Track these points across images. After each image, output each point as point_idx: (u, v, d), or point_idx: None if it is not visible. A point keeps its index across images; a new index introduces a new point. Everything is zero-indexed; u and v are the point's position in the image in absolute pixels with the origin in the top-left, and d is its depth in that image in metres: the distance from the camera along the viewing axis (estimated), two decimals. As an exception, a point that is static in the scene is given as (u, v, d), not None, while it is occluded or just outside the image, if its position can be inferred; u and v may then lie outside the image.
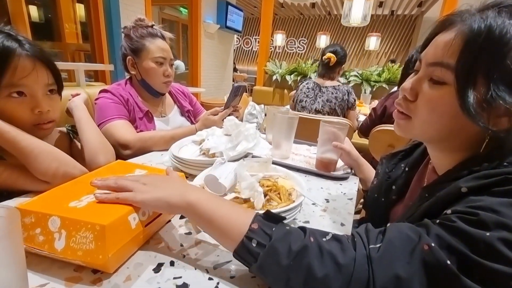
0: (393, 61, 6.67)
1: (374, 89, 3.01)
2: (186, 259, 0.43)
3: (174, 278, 0.39)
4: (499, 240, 0.29)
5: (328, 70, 1.94)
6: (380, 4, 7.02)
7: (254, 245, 0.35)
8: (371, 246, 0.34)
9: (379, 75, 3.06)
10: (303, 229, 0.38)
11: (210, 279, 0.40)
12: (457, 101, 0.37)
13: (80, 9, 4.17)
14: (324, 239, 0.36)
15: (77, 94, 0.83)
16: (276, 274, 0.34)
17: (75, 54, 4.37)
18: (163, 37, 1.06)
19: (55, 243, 0.37)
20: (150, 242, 0.47)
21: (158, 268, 0.41)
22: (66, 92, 0.74)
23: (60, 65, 0.71)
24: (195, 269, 0.41)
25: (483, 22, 0.36)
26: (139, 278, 0.39)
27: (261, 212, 0.39)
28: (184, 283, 0.38)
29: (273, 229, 0.36)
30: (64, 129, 0.81)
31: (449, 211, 0.35)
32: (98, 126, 0.85)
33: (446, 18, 0.42)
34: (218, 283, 0.39)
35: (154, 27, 1.05)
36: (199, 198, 0.40)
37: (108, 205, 0.41)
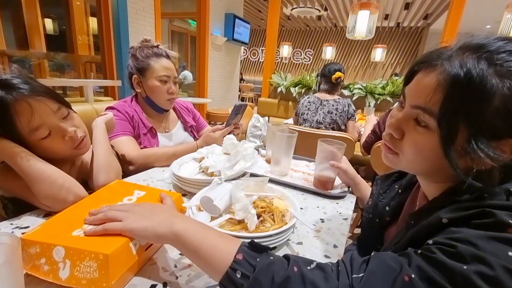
0: (396, 75, 6.68)
1: (378, 102, 3.01)
2: (179, 281, 0.45)
3: (166, 300, 0.41)
4: (476, 274, 0.30)
5: (334, 86, 2.06)
6: (386, 17, 7.09)
7: (238, 276, 0.36)
8: (354, 275, 0.35)
9: (383, 88, 3.05)
10: (287, 257, 0.38)
11: (200, 302, 0.41)
12: (441, 149, 0.38)
13: (93, 22, 4.34)
14: (308, 268, 0.37)
15: (105, 114, 0.86)
16: None
17: (86, 65, 4.52)
18: (167, 56, 1.10)
19: (59, 272, 0.38)
20: (145, 264, 0.48)
21: (151, 290, 0.42)
22: (76, 107, 0.77)
23: (70, 82, 0.74)
24: (187, 291, 0.43)
25: (463, 70, 0.35)
26: (133, 300, 0.40)
27: (247, 241, 0.40)
28: (175, 305, 0.40)
29: (257, 259, 0.37)
30: None
31: (430, 242, 0.36)
32: None
33: (427, 59, 0.41)
34: (207, 306, 0.40)
35: (159, 47, 1.09)
36: (186, 229, 0.41)
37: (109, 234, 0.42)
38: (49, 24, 4.41)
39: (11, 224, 0.57)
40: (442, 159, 0.38)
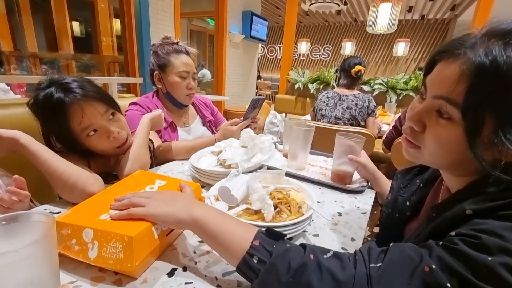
0: (420, 69, 6.39)
1: (400, 98, 2.90)
2: (198, 266, 0.46)
3: (186, 283, 0.42)
4: (501, 265, 0.29)
5: (354, 80, 2.01)
6: (410, 9, 6.79)
7: (255, 261, 0.37)
8: (371, 264, 0.35)
9: (405, 83, 2.94)
10: (303, 246, 0.39)
11: (218, 286, 0.42)
12: (465, 141, 0.36)
13: (116, 23, 4.52)
14: (324, 256, 0.37)
15: (156, 110, 0.92)
16: None
17: (110, 65, 4.72)
18: (187, 53, 1.12)
19: (88, 252, 0.41)
20: (166, 249, 0.50)
21: (171, 273, 0.44)
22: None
23: (96, 79, 0.79)
24: (205, 276, 0.44)
25: (488, 58, 0.34)
26: (154, 281, 0.42)
27: (264, 229, 0.41)
28: (194, 288, 0.41)
29: (274, 246, 0.38)
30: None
31: (453, 233, 0.35)
32: None
33: (449, 48, 0.39)
34: (225, 291, 0.41)
35: (179, 43, 1.12)
36: (205, 215, 0.42)
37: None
38: (76, 26, 4.65)
39: (45, 209, 0.62)
40: (467, 152, 0.37)
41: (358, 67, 1.95)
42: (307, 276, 0.34)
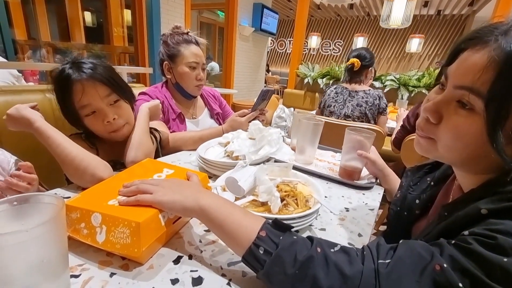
0: (438, 63, 6.22)
1: (412, 95, 2.83)
2: (203, 255, 0.47)
3: (191, 271, 0.43)
4: None
5: (354, 75, 1.90)
6: (426, 4, 6.59)
7: (261, 252, 0.37)
8: (380, 261, 0.34)
9: (418, 80, 2.87)
10: (310, 239, 0.38)
11: (223, 275, 0.42)
12: (486, 134, 0.34)
13: (127, 14, 4.53)
14: (331, 250, 0.36)
15: (141, 98, 0.94)
16: (282, 282, 0.35)
17: (120, 55, 4.75)
18: (197, 43, 1.12)
19: (97, 236, 0.42)
20: (172, 237, 0.51)
21: (177, 260, 0.45)
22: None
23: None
24: (211, 265, 0.44)
25: None
26: (160, 268, 0.43)
27: (270, 220, 0.41)
28: (199, 276, 0.42)
29: (281, 237, 0.37)
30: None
31: (466, 233, 0.34)
32: None
33: (477, 35, 0.37)
34: (230, 280, 0.42)
35: (189, 33, 1.11)
36: (212, 204, 0.42)
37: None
38: (88, 17, 4.68)
39: (56, 193, 0.63)
40: (485, 146, 0.35)
41: (352, 60, 1.84)
42: (314, 269, 0.34)
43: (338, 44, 9.06)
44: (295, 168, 0.74)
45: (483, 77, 0.34)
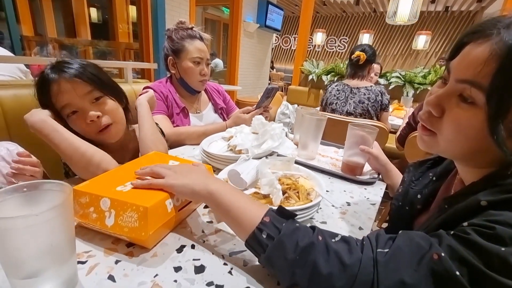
0: (442, 59, 6.12)
1: (417, 92, 2.81)
2: (206, 244, 0.48)
3: (194, 259, 0.44)
4: None
5: (358, 69, 1.87)
6: (433, 0, 6.48)
7: (264, 236, 0.38)
8: (378, 250, 0.35)
9: (424, 77, 2.84)
10: (312, 227, 0.39)
11: (225, 264, 0.43)
12: (487, 127, 0.35)
13: (132, 10, 4.54)
14: (332, 240, 0.37)
15: (146, 91, 0.89)
16: (282, 267, 0.36)
17: (125, 52, 4.77)
18: (201, 38, 1.12)
19: (106, 220, 0.43)
20: (176, 226, 0.52)
21: (180, 249, 0.46)
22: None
23: (111, 63, 0.80)
24: (213, 254, 0.45)
25: None
26: (164, 256, 0.44)
27: (275, 207, 0.42)
28: (201, 265, 0.43)
29: (283, 224, 0.39)
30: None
31: (465, 224, 0.34)
32: None
33: (480, 29, 0.37)
34: (231, 269, 0.43)
35: (193, 29, 1.12)
36: (219, 189, 0.44)
37: (148, 191, 0.47)
38: (93, 13, 4.70)
39: (62, 184, 0.64)
40: (486, 139, 0.35)
41: (357, 53, 1.81)
42: (314, 256, 0.35)
43: (343, 41, 8.98)
44: (297, 162, 0.74)
45: (485, 70, 0.34)
